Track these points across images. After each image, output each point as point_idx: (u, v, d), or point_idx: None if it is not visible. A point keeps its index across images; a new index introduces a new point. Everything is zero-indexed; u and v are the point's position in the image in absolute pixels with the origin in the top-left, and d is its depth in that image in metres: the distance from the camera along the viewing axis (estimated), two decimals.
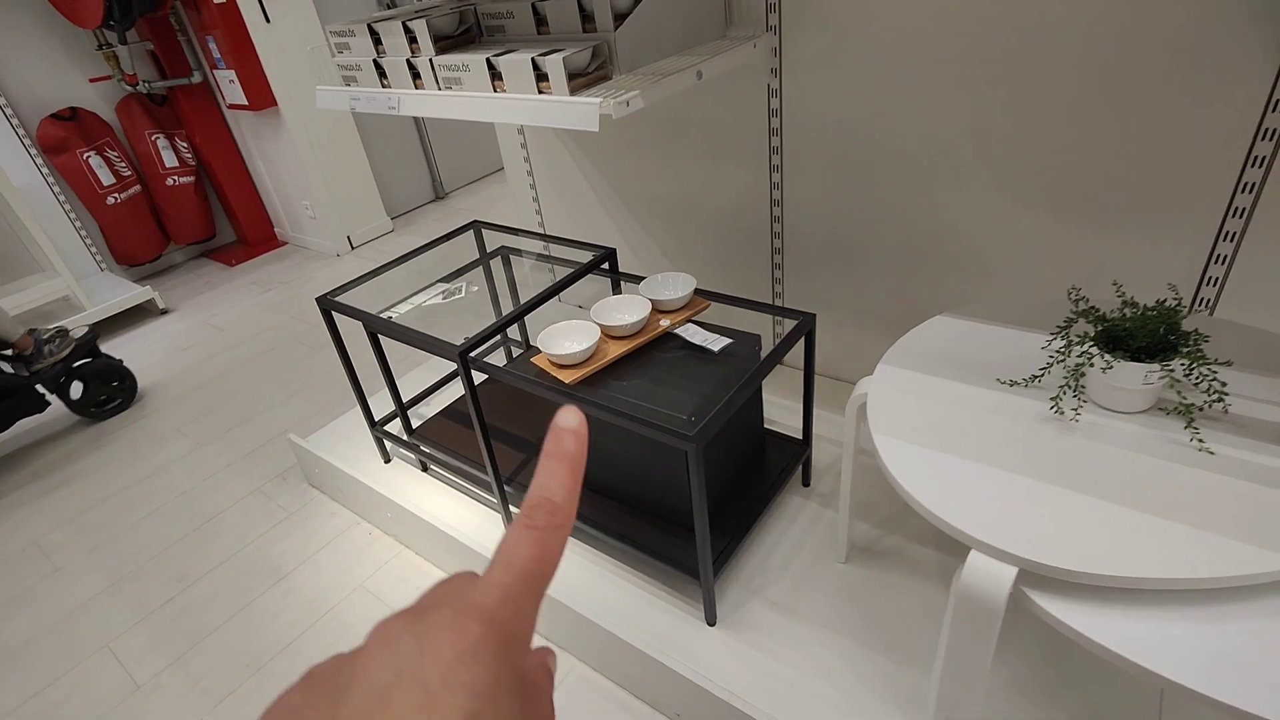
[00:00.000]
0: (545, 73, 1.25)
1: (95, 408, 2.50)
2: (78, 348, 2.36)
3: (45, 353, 2.30)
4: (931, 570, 1.37)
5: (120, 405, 2.56)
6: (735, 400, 1.15)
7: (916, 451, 0.97)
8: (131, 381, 2.60)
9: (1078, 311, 0.99)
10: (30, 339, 2.29)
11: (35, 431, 2.53)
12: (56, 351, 2.32)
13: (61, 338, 2.35)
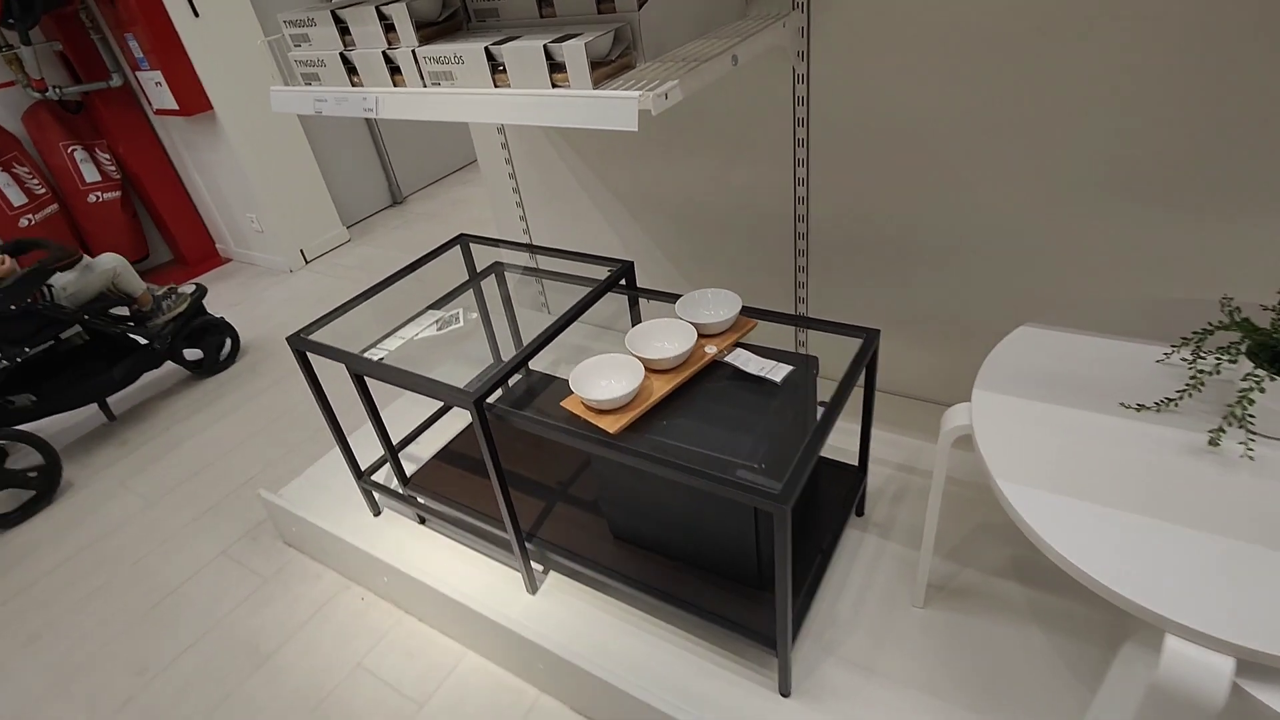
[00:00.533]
0: (561, 62, 1.04)
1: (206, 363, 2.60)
2: (191, 304, 2.46)
3: (163, 308, 2.41)
4: (1019, 608, 1.23)
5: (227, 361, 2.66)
6: (816, 445, 0.97)
7: (1063, 505, 0.81)
8: (235, 338, 2.68)
9: (1229, 324, 0.85)
10: (149, 295, 2.39)
11: None
12: (174, 306, 2.42)
13: (174, 295, 2.45)
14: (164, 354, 2.41)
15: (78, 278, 2.21)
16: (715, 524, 1.14)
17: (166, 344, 2.39)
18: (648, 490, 1.18)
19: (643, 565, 1.26)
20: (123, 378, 2.30)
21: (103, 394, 2.30)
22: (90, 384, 2.23)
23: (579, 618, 1.32)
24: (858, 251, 1.59)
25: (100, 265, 2.26)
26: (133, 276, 2.34)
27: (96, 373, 2.25)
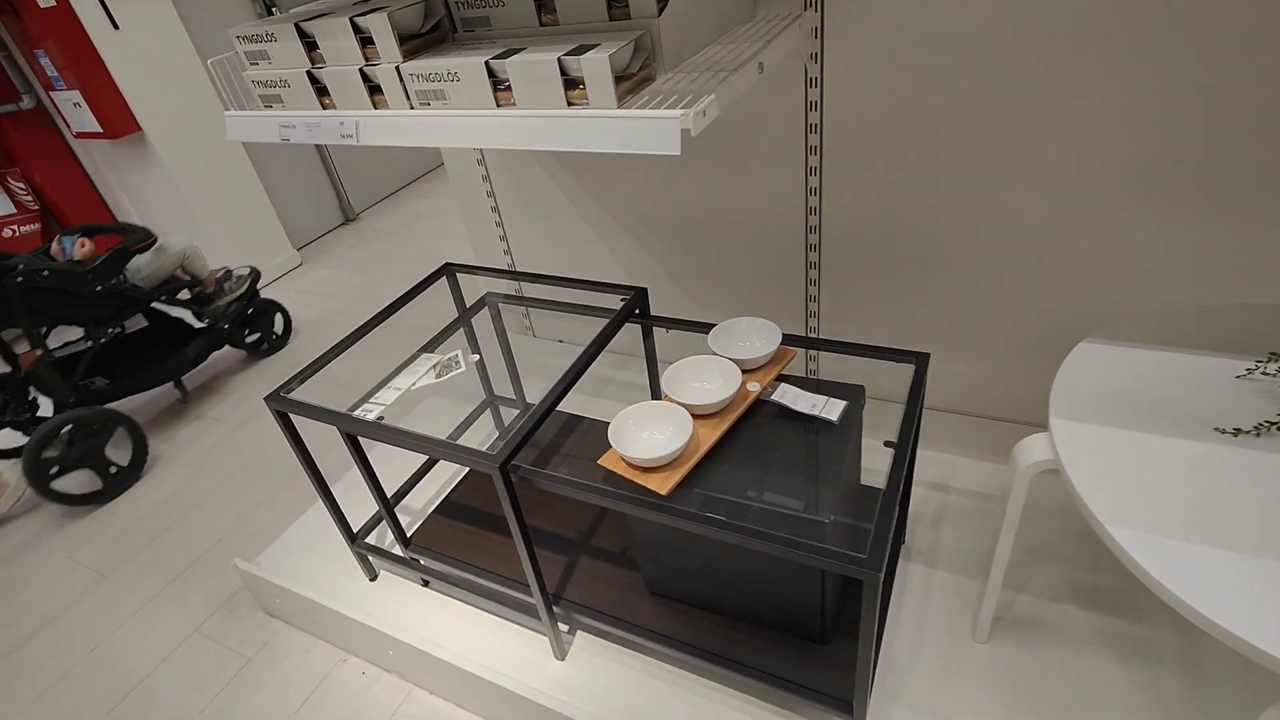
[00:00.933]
0: (577, 77, 0.92)
1: (264, 344, 2.65)
2: (249, 287, 2.50)
3: (225, 290, 2.44)
4: (1083, 634, 1.17)
5: (281, 341, 2.71)
6: (895, 498, 0.88)
7: (1183, 553, 0.73)
8: (288, 319, 2.72)
9: None
10: (213, 278, 2.42)
11: None
12: (234, 289, 2.46)
13: (232, 278, 2.48)
14: (226, 336, 2.46)
15: (152, 259, 2.25)
16: (773, 580, 1.04)
17: (230, 326, 2.45)
18: (693, 547, 1.07)
19: (685, 623, 1.16)
20: (195, 358, 2.36)
21: (178, 374, 2.34)
22: (166, 365, 2.29)
23: (616, 683, 1.21)
24: (872, 263, 1.51)
25: (172, 248, 2.31)
26: (201, 260, 2.39)
27: (168, 354, 2.31)
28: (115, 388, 2.16)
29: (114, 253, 2.07)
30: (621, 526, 1.34)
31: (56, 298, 2.00)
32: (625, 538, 1.31)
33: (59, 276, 1.97)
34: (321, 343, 2.72)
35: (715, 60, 1.06)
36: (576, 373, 1.13)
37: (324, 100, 1.16)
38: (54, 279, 1.96)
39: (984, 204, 1.34)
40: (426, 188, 4.10)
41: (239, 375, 2.62)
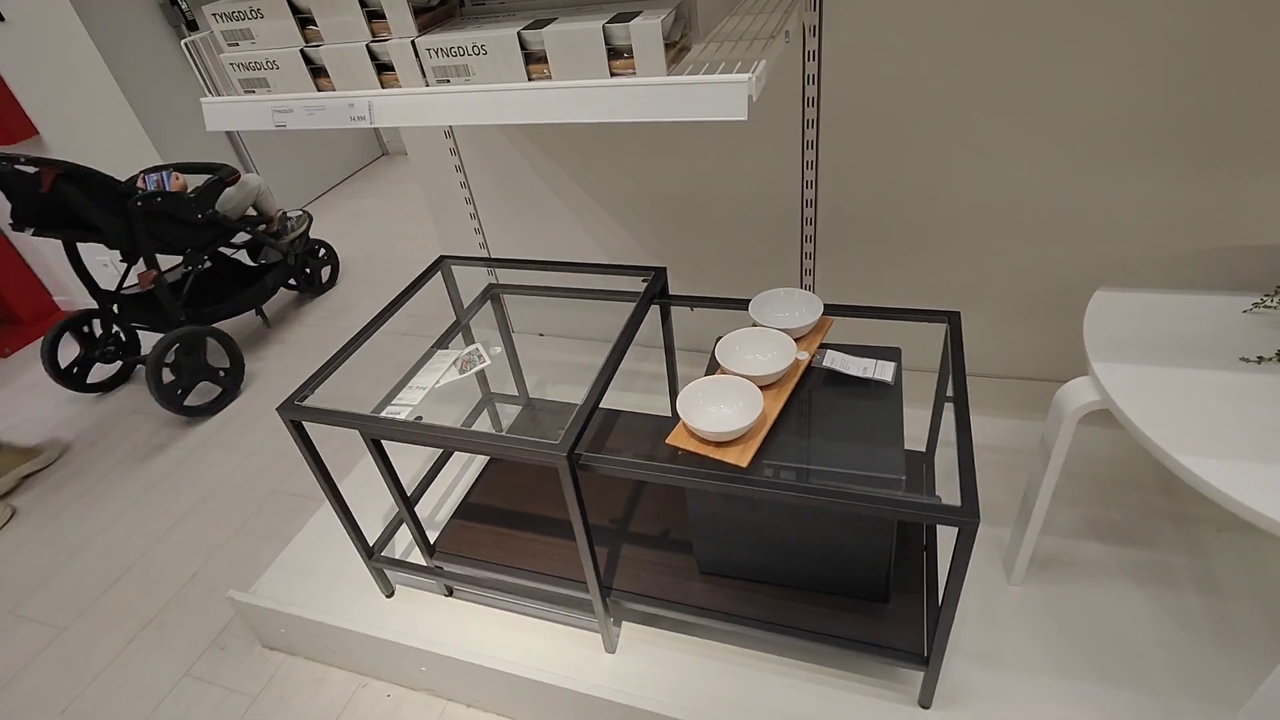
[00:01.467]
0: (623, 46, 0.89)
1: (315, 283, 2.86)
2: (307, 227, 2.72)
3: (288, 228, 2.64)
4: (1107, 568, 1.24)
5: (330, 283, 2.92)
6: (969, 449, 0.90)
7: (1250, 471, 0.79)
8: (336, 259, 2.93)
9: None
10: (278, 216, 2.59)
11: None
12: (295, 227, 2.66)
13: (290, 219, 2.67)
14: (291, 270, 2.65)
15: (236, 193, 2.40)
16: (838, 543, 1.05)
17: (295, 260, 2.65)
18: (754, 520, 1.06)
19: (741, 598, 1.15)
20: (273, 287, 2.56)
21: (260, 301, 2.54)
22: (250, 293, 2.46)
23: (675, 670, 1.19)
24: (868, 234, 1.55)
25: (250, 183, 2.45)
26: (271, 197, 2.56)
27: (251, 284, 2.49)
28: (219, 309, 2.37)
29: (210, 183, 2.22)
30: (670, 509, 1.32)
31: (165, 223, 2.17)
32: (670, 520, 1.29)
33: (170, 201, 2.13)
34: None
35: (740, 30, 1.05)
36: (618, 357, 1.09)
37: (320, 82, 1.07)
38: (165, 204, 2.12)
39: (978, 172, 1.40)
40: (359, 187, 3.89)
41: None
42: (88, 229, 2.08)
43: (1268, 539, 1.24)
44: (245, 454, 2.08)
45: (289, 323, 2.75)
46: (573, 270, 1.36)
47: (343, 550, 1.50)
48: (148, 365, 2.08)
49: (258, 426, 2.19)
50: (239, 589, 1.44)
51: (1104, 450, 1.45)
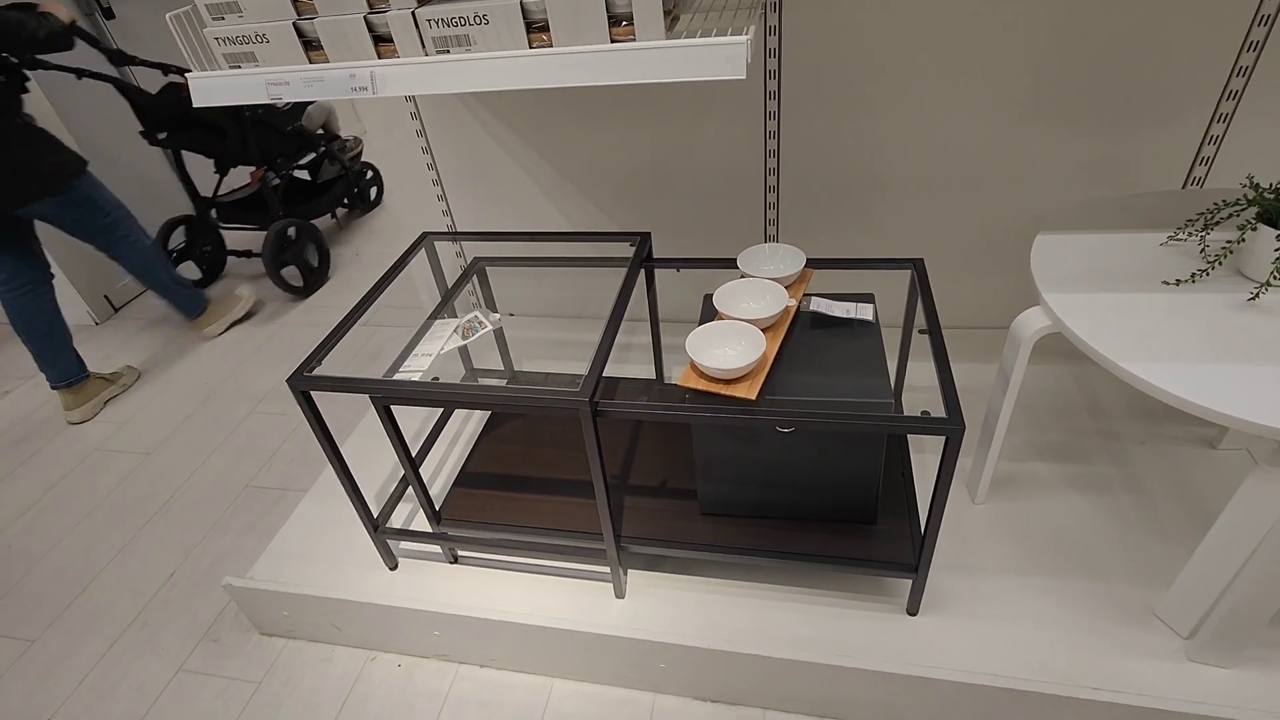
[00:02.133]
0: (623, 13, 0.95)
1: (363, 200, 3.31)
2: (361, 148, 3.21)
3: (347, 147, 3.09)
4: (1052, 481, 1.40)
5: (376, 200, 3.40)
6: (947, 370, 1.02)
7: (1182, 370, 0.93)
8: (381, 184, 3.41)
9: (1257, 198, 1.03)
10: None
11: None
12: (354, 146, 3.13)
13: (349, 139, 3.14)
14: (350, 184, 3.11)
15: (314, 110, 2.84)
16: (830, 470, 1.15)
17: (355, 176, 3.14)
18: (755, 455, 1.16)
19: (743, 533, 1.24)
20: (339, 196, 3.06)
21: (333, 207, 3.06)
22: (327, 199, 2.99)
23: (682, 607, 1.27)
24: (827, 195, 1.67)
25: (325, 103, 2.83)
26: (337, 118, 3.02)
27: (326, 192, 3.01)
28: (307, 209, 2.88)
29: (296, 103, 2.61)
30: (670, 458, 1.39)
31: (264, 131, 2.61)
32: (670, 468, 1.36)
33: (269, 112, 2.61)
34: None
35: (719, 3, 1.13)
36: (621, 309, 1.16)
37: (312, 55, 1.08)
38: (266, 114, 2.60)
39: (923, 137, 1.53)
40: None
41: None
42: (209, 137, 2.51)
43: (1181, 445, 1.44)
44: (207, 454, 2.03)
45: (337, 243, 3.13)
46: (558, 240, 1.41)
47: (338, 532, 1.50)
48: (269, 235, 2.55)
49: (221, 425, 2.13)
50: (233, 578, 1.42)
51: (1042, 385, 1.63)
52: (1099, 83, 1.40)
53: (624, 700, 1.29)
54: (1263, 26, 1.29)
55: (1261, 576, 0.96)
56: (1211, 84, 1.37)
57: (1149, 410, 1.52)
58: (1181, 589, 1.11)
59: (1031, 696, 1.06)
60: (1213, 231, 1.14)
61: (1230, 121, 1.40)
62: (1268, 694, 1.04)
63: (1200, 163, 1.46)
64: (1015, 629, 1.16)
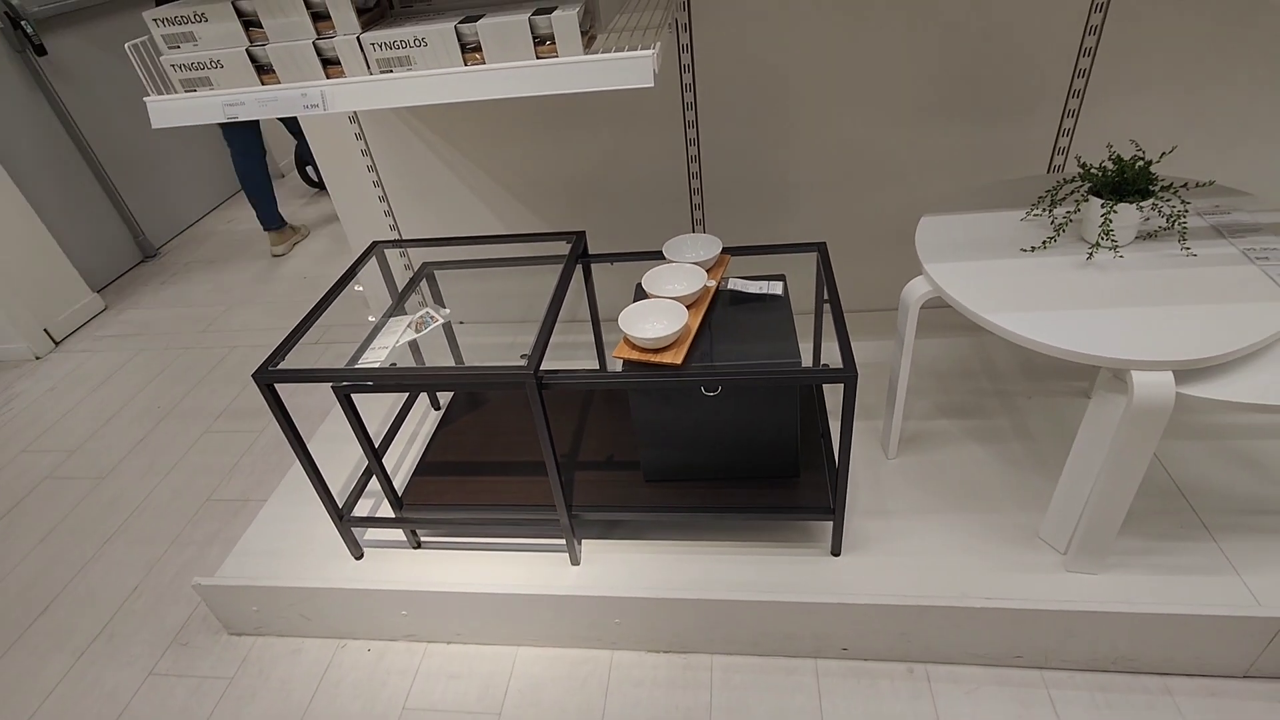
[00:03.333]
0: (546, 34, 1.10)
1: None
2: None
3: None
4: (954, 434, 1.58)
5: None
6: (843, 328, 1.18)
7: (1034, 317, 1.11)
8: None
9: (1085, 175, 1.23)
10: None
11: None
12: None
13: None
14: None
15: None
16: (754, 429, 1.30)
17: None
18: (689, 418, 1.29)
19: (682, 496, 1.37)
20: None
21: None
22: None
23: (633, 568, 1.39)
24: (747, 191, 1.84)
25: None
26: None
27: None
28: None
29: None
30: (613, 433, 1.51)
31: None
32: (615, 443, 1.49)
33: None
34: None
35: (632, 24, 1.28)
36: (561, 292, 1.29)
37: (265, 78, 1.19)
38: None
39: (825, 133, 1.72)
40: (232, 214, 3.78)
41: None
42: None
43: (1061, 397, 1.64)
44: (163, 474, 2.05)
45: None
46: (500, 242, 1.54)
47: (303, 529, 1.57)
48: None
49: (176, 445, 2.16)
50: (202, 578, 1.47)
51: (946, 354, 1.82)
52: (971, 87, 1.62)
53: (583, 659, 1.39)
54: (1092, 36, 1.53)
55: (1107, 489, 1.14)
56: (1060, 82, 1.60)
57: (1035, 369, 1.73)
58: (1054, 511, 1.29)
59: (936, 610, 1.22)
60: (1059, 206, 1.34)
61: (1078, 115, 1.63)
62: (1126, 590, 1.22)
63: (1059, 152, 1.69)
64: (924, 559, 1.33)
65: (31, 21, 2.79)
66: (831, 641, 1.31)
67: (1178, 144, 1.64)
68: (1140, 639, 1.20)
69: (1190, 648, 1.20)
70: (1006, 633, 1.23)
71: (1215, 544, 1.28)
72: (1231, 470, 1.42)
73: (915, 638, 1.27)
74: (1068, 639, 1.22)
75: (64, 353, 2.75)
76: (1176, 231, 1.25)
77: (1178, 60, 1.54)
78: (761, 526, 1.42)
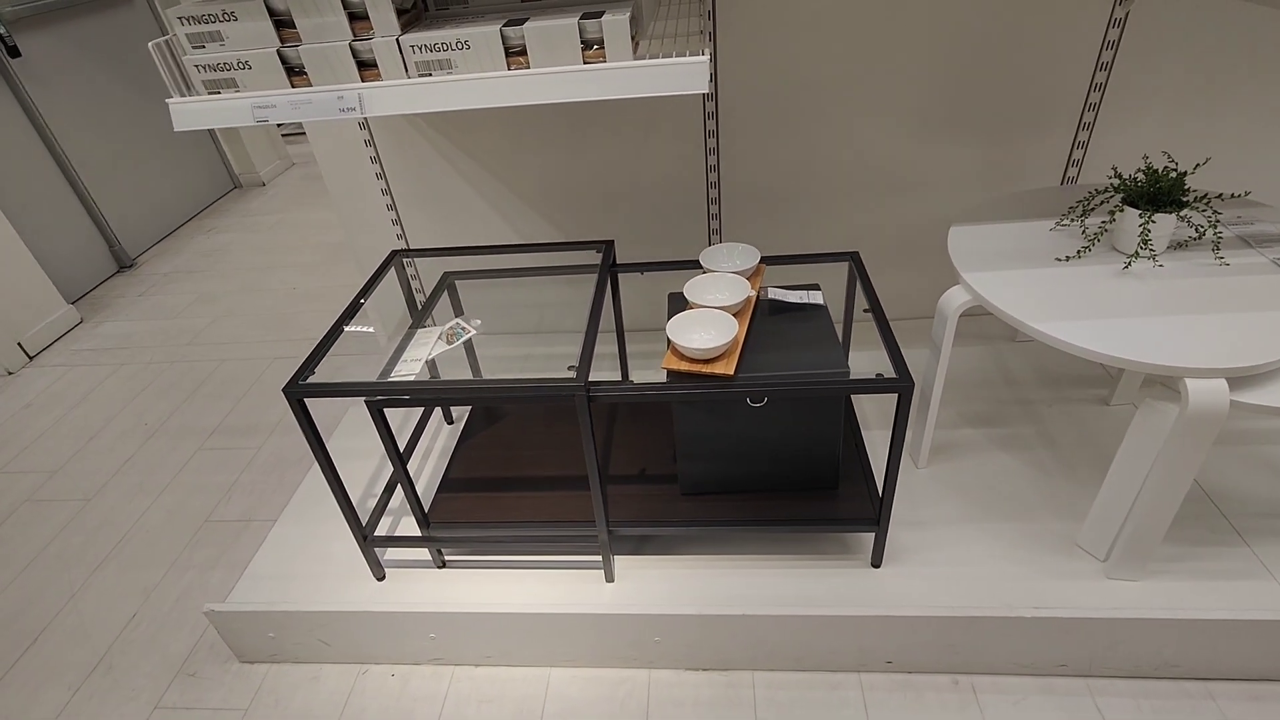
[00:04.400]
0: (594, 38, 1.07)
1: None
2: None
3: None
4: (981, 443, 1.59)
5: None
6: (892, 338, 1.18)
7: (1082, 327, 1.12)
8: None
9: (1117, 187, 1.25)
10: None
11: None
12: None
13: None
14: None
15: None
16: (796, 442, 1.28)
17: None
18: (733, 430, 1.27)
19: (721, 508, 1.35)
20: None
21: None
22: None
23: (670, 583, 1.35)
24: (764, 201, 1.84)
25: None
26: None
27: None
28: None
29: None
30: (648, 446, 1.48)
31: None
32: (649, 456, 1.45)
33: None
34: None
35: (669, 31, 1.27)
36: (597, 311, 1.26)
37: (295, 80, 1.14)
38: None
39: (843, 146, 1.73)
40: (212, 223, 3.66)
41: None
42: None
43: (1081, 405, 1.66)
44: (155, 494, 1.96)
45: None
46: (525, 252, 1.50)
47: (318, 551, 1.50)
48: None
49: (167, 464, 2.06)
50: (215, 604, 1.40)
51: (964, 364, 1.83)
52: (987, 100, 1.64)
53: (621, 679, 1.35)
54: (1110, 50, 1.56)
55: (1153, 497, 1.15)
56: (1076, 98, 1.63)
57: (1053, 378, 1.75)
58: (1094, 519, 1.30)
59: (985, 621, 1.21)
60: (1089, 216, 1.36)
61: (1093, 129, 1.66)
62: (1167, 596, 1.23)
63: (1072, 164, 1.72)
64: (964, 569, 1.32)
65: (3, 21, 2.67)
66: (876, 655, 1.29)
67: (1190, 157, 1.69)
68: (1184, 645, 1.21)
69: (1233, 652, 1.21)
70: (1053, 642, 1.23)
71: (1249, 548, 1.30)
72: (1257, 475, 1.44)
73: (961, 649, 1.26)
74: (1113, 647, 1.22)
75: (38, 367, 2.61)
76: (1207, 242, 1.27)
77: (1189, 78, 1.58)
78: (798, 539, 1.40)
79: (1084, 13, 1.52)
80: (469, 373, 1.73)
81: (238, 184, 4.01)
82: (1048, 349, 1.85)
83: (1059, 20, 1.53)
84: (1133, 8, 1.51)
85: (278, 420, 2.17)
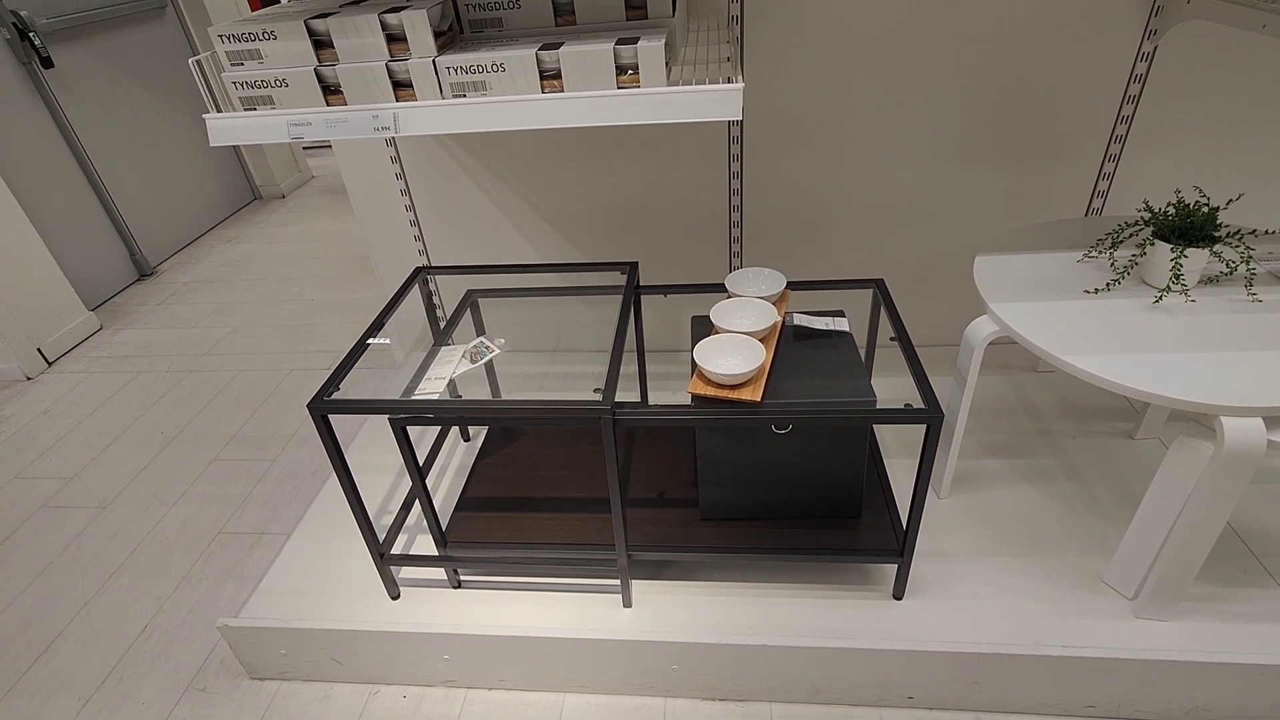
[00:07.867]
0: (628, 64, 1.08)
1: None
2: None
3: None
4: (1003, 474, 1.57)
5: None
6: (919, 368, 1.17)
7: (1113, 360, 1.11)
8: None
9: (1148, 220, 1.24)
10: None
11: None
12: None
13: None
14: None
15: None
16: (820, 469, 1.27)
17: None
18: (757, 457, 1.26)
19: (741, 534, 1.33)
20: None
21: None
22: None
23: (689, 609, 1.34)
24: (786, 227, 1.84)
25: None
26: None
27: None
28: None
29: None
30: (667, 470, 1.47)
31: None
32: (668, 480, 1.44)
33: None
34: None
35: (700, 57, 1.28)
36: (623, 332, 1.25)
37: (330, 99, 1.16)
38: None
39: (867, 175, 1.73)
40: (232, 233, 3.70)
41: None
42: None
43: (1105, 438, 1.64)
44: (170, 504, 1.95)
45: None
46: (550, 271, 1.51)
47: (332, 568, 1.49)
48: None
49: (183, 473, 2.06)
50: (228, 619, 1.39)
51: (985, 394, 1.82)
52: (1013, 130, 1.64)
53: (636, 707, 1.33)
54: (1137, 84, 1.56)
55: (1186, 536, 1.13)
56: (1102, 130, 1.62)
57: (1076, 409, 1.73)
58: (1122, 556, 1.27)
59: (1011, 659, 1.19)
60: (1118, 249, 1.35)
61: (1119, 160, 1.66)
62: (1202, 638, 1.20)
63: (1097, 195, 1.71)
64: (988, 604, 1.30)
65: (40, 34, 2.73)
66: (897, 690, 1.27)
67: (1215, 190, 1.68)
68: (1217, 688, 1.18)
69: (1267, 697, 1.18)
70: (1082, 682, 1.20)
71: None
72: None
73: (986, 687, 1.23)
74: (1143, 689, 1.20)
75: (57, 373, 2.63)
76: (1238, 277, 1.26)
77: (1217, 112, 1.58)
78: (819, 568, 1.38)
79: (1111, 46, 1.52)
80: (488, 390, 1.73)
81: (258, 195, 4.06)
82: (1070, 380, 1.83)
83: (1086, 52, 1.53)
84: (1160, 42, 1.51)
85: (293, 432, 2.17)
